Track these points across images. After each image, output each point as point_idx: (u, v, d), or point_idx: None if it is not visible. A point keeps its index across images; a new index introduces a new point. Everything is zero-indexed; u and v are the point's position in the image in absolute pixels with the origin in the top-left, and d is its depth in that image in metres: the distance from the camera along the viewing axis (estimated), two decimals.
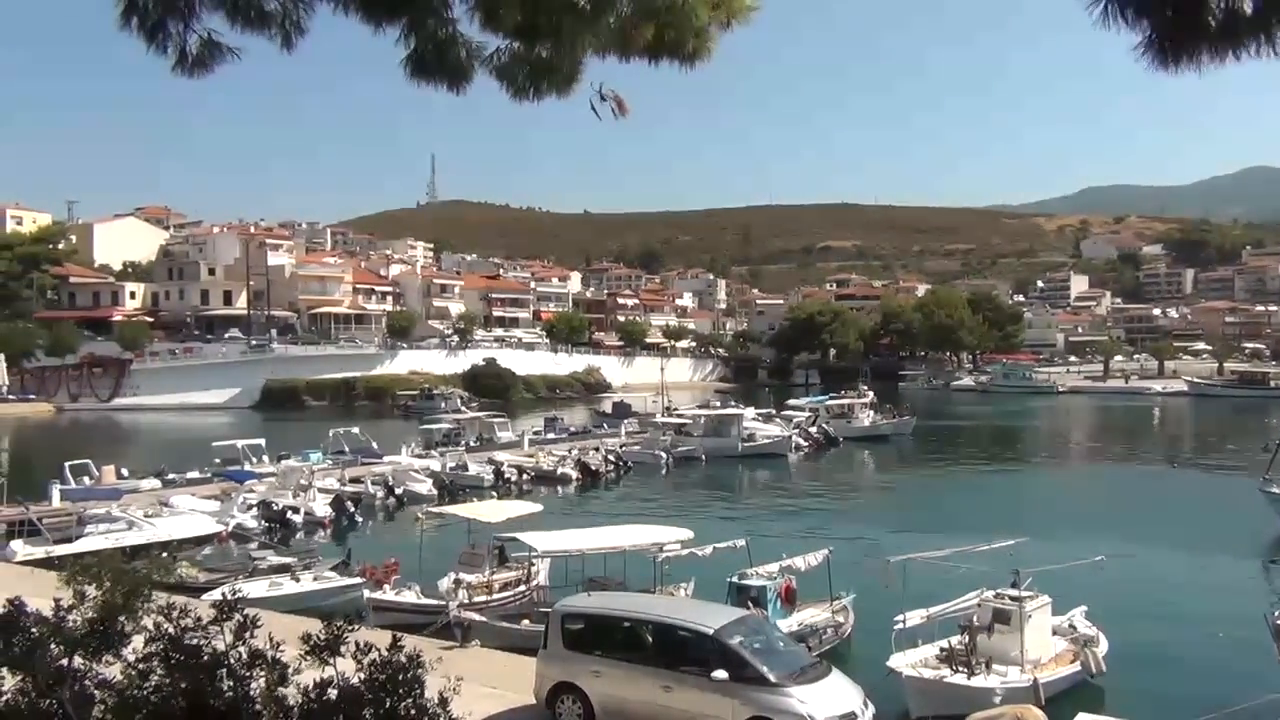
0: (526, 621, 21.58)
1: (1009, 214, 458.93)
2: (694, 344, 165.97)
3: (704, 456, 58.55)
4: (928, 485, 53.98)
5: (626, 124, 5.93)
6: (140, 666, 5.10)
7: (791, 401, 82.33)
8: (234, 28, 5.43)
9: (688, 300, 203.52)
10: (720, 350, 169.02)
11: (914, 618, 18.59)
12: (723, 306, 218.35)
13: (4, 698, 5.29)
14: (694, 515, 38.93)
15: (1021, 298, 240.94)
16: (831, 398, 79.74)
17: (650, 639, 15.21)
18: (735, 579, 21.99)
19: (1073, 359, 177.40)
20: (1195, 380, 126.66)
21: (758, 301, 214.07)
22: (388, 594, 24.25)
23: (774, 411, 74.60)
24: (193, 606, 5.39)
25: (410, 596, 24.07)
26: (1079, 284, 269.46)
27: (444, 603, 22.91)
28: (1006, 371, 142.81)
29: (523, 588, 25.31)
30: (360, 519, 40.10)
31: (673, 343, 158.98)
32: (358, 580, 25.69)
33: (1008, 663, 18.27)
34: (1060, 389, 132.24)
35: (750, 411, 69.87)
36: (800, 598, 22.72)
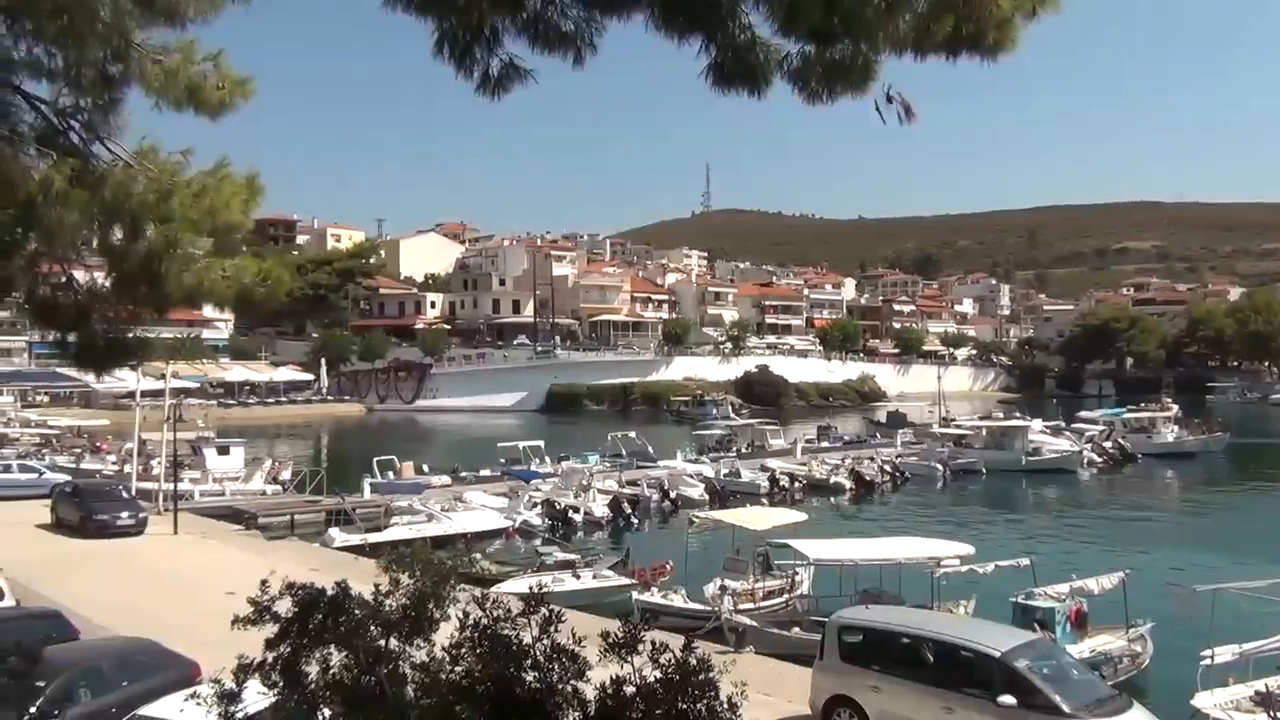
0: (797, 630, 21.43)
1: None
2: (974, 352, 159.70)
3: (984, 470, 56.17)
4: (1242, 509, 49.06)
5: (900, 125, 5.73)
6: (452, 651, 5.48)
7: (1083, 414, 77.25)
8: (533, 50, 5.78)
9: (967, 306, 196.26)
10: (1003, 359, 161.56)
11: (1224, 654, 16.93)
12: (1006, 313, 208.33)
13: (331, 671, 5.84)
14: (973, 530, 37.37)
15: None
16: (1129, 410, 74.31)
17: (931, 657, 14.68)
18: (1020, 599, 20.89)
19: None
20: None
21: (1045, 307, 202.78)
22: (655, 596, 24.64)
23: (1063, 424, 70.22)
24: (504, 598, 5.71)
25: (677, 600, 24.41)
26: None
27: (709, 607, 23.14)
28: None
29: (786, 596, 25.21)
30: (635, 521, 41.23)
31: (951, 350, 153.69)
32: (629, 580, 26.46)
33: None
34: None
35: (1037, 423, 66.40)
36: (1091, 623, 21.28)
